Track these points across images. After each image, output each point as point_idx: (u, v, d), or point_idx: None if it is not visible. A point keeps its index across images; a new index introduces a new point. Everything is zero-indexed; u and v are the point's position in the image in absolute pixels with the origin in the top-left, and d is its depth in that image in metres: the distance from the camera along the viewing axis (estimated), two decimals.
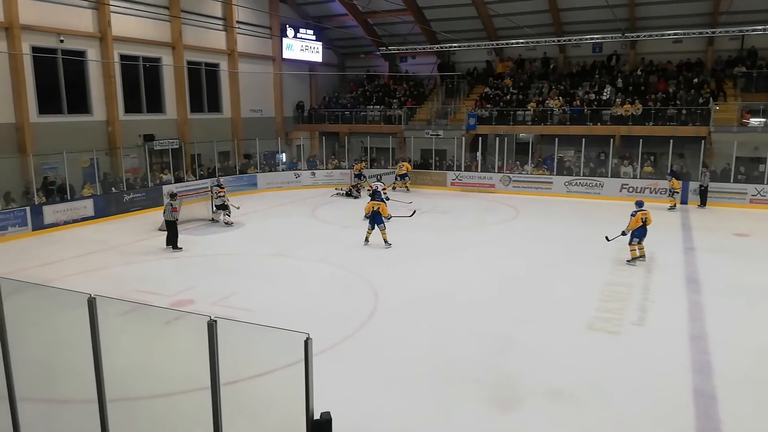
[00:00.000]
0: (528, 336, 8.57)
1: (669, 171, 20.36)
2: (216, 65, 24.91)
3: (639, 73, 24.99)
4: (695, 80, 23.39)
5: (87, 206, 17.67)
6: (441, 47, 26.80)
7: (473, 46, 25.60)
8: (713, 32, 22.26)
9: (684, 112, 22.16)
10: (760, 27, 21.47)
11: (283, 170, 25.51)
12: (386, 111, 28.17)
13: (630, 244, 12.55)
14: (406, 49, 27.58)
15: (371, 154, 26.43)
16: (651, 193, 20.74)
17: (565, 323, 9.07)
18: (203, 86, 24.49)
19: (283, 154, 26.89)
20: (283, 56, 27.89)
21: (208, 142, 23.24)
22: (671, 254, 13.34)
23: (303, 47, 28.85)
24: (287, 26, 27.90)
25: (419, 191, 23.90)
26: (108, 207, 18.33)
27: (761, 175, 19.74)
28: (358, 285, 11.22)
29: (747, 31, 22.01)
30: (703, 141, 20.83)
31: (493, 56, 28.89)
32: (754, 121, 21.25)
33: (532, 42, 24.81)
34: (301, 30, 28.67)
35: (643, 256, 12.49)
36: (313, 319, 9.05)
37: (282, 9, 27.93)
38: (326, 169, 25.94)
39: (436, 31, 27.05)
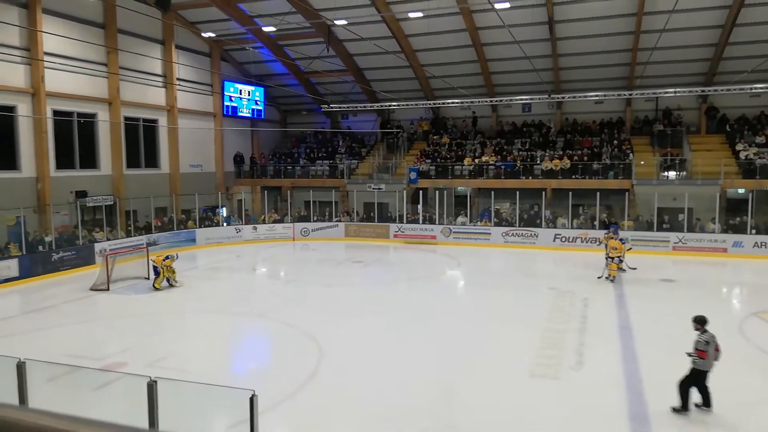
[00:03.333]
0: (472, 385, 8.65)
1: (612, 225, 19.73)
2: (155, 121, 24.64)
3: (566, 130, 26.74)
4: (615, 138, 25.22)
5: (11, 266, 16.64)
6: (381, 105, 27.77)
7: (411, 105, 26.67)
8: (630, 94, 24.25)
9: (608, 164, 23.72)
10: (671, 90, 23.62)
11: (224, 225, 25.09)
12: (332, 164, 28.60)
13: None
14: (347, 107, 28.37)
15: (315, 208, 26.53)
16: (582, 242, 21.80)
17: (507, 371, 9.24)
18: (140, 142, 24.07)
19: (224, 209, 26.54)
20: (224, 112, 28.00)
21: (144, 197, 22.63)
22: (604, 302, 13.93)
23: (245, 102, 29.12)
24: (229, 82, 28.18)
25: (363, 244, 24.07)
26: (34, 267, 17.31)
27: (681, 224, 21.21)
28: (299, 340, 11.04)
29: (659, 93, 24.13)
30: (626, 193, 22.28)
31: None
32: (670, 174, 23.02)
33: (467, 102, 26.15)
34: (243, 86, 29.01)
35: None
36: (255, 377, 8.80)
37: (224, 67, 28.26)
38: (266, 223, 25.73)
39: (375, 90, 28.06)
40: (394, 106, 26.90)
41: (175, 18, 24.45)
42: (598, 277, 16.07)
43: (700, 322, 7.56)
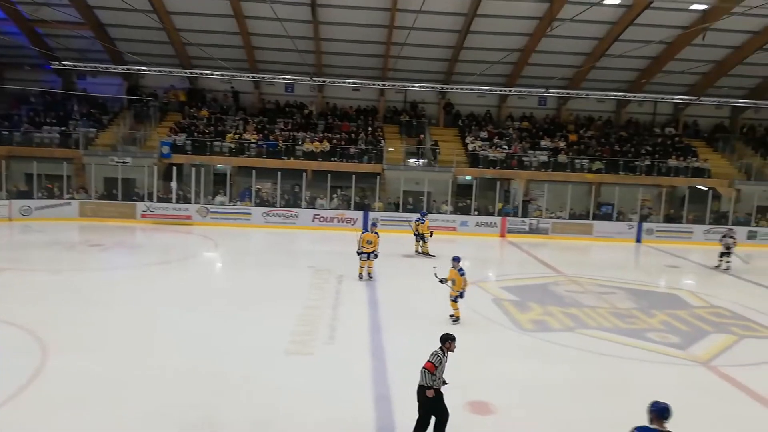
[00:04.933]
0: (229, 370, 8.19)
1: (421, 212, 19.30)
2: None
3: (327, 114, 27.55)
4: (370, 125, 26.92)
5: None
6: (128, 69, 24.68)
7: (165, 72, 24.29)
8: (383, 85, 26.05)
9: (363, 150, 25.19)
10: (417, 84, 26.11)
11: None
12: (65, 131, 24.41)
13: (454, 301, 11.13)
14: (85, 67, 24.48)
15: (40, 182, 22.42)
16: (339, 222, 22.80)
17: (264, 350, 9.01)
18: None
19: None
20: None
21: None
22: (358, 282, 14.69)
23: None
24: None
25: (103, 225, 21.22)
26: None
27: (422, 206, 23.71)
28: (13, 339, 9.09)
29: (407, 86, 26.47)
30: (378, 176, 23.99)
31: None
32: (414, 160, 25.55)
33: (227, 75, 24.95)
34: None
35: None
36: None
37: None
38: None
39: (121, 51, 24.80)
40: (144, 70, 24.20)
41: None
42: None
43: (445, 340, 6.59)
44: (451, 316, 11.06)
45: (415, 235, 18.24)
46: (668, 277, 16.93)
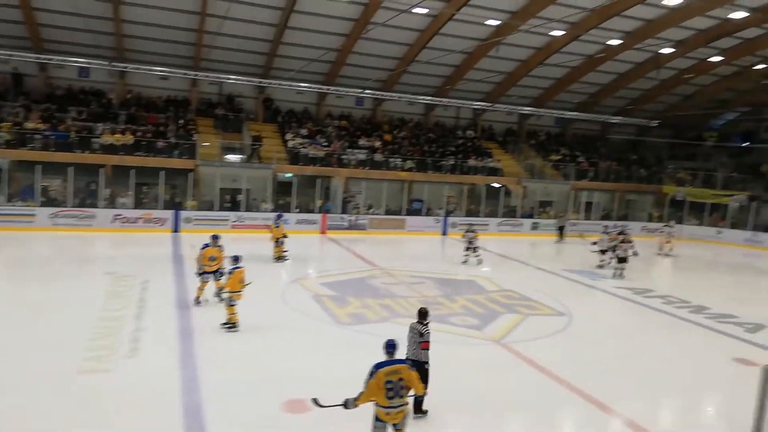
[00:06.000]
0: (10, 400, 6.90)
1: (278, 213, 19.14)
2: None
3: (130, 103, 25.02)
4: (182, 117, 25.13)
5: None
6: None
7: None
8: (195, 75, 24.52)
9: (174, 143, 23.42)
10: (233, 77, 25.08)
11: None
12: None
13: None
14: None
15: None
16: (145, 222, 20.90)
17: (52, 371, 7.79)
18: None
19: None
20: None
21: None
22: (165, 282, 13.57)
23: None
24: None
25: None
26: None
27: (240, 204, 22.88)
28: None
29: (222, 78, 25.30)
30: (191, 173, 22.51)
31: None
32: (231, 156, 24.53)
33: (4, 54, 21.32)
34: None
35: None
36: None
37: None
38: None
39: None
40: None
41: None
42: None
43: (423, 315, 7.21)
44: (224, 324, 10.03)
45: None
46: (468, 266, 18.65)
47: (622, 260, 17.22)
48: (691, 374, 9.59)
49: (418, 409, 6.98)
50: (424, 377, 6.74)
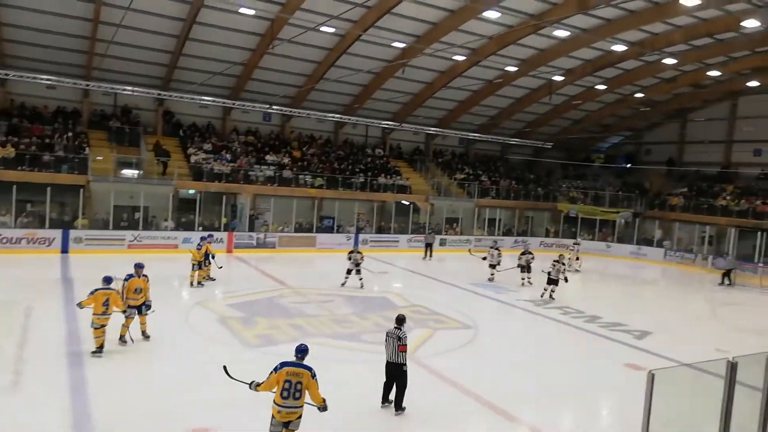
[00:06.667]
0: None
1: (207, 234, 18.47)
2: None
3: (11, 114, 22.85)
4: (71, 129, 23.32)
5: None
6: None
7: None
8: (87, 85, 22.93)
9: (62, 157, 21.64)
10: (129, 88, 23.71)
11: None
12: None
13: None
14: None
15: None
16: (29, 243, 19.05)
17: None
18: None
19: None
20: None
21: None
22: (53, 308, 12.39)
23: None
24: None
25: None
26: None
27: (137, 222, 21.51)
28: None
29: (118, 89, 23.84)
30: (82, 189, 20.89)
31: None
32: (128, 172, 23.08)
33: None
34: None
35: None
36: None
37: None
38: None
39: None
40: None
41: None
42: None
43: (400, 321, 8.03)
44: (93, 352, 9.31)
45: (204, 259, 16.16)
46: (380, 282, 18.74)
47: (552, 281, 16.81)
48: (587, 380, 10.19)
49: (398, 407, 7.84)
50: (404, 376, 7.77)
